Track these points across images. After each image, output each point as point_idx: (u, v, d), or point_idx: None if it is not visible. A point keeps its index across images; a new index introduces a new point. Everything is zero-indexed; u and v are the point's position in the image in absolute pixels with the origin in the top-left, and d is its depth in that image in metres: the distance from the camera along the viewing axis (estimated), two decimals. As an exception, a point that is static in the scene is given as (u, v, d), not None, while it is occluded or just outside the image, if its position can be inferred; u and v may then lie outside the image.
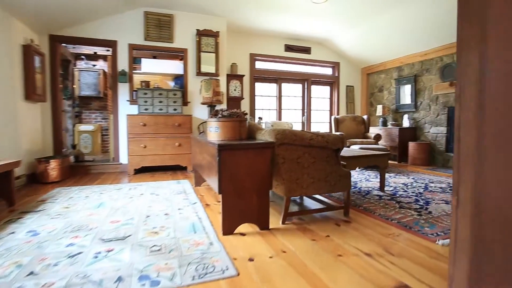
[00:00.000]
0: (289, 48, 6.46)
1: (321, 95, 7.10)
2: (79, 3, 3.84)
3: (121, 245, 1.75)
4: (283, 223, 2.21)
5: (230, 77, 5.69)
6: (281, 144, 2.07)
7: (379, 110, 6.32)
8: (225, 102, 5.33)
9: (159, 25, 4.73)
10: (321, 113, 7.13)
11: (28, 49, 3.69)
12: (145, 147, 4.33)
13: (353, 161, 2.94)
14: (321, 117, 7.14)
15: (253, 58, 6.21)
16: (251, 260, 1.62)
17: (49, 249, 1.69)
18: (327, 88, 7.16)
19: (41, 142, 4.24)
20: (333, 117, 5.93)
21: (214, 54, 5.09)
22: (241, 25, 5.65)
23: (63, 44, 4.89)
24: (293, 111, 6.79)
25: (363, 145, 4.97)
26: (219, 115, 2.29)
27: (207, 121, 2.38)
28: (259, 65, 6.39)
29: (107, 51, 5.59)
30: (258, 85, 6.42)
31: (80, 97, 6.00)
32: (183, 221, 2.23)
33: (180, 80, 5.11)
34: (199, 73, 4.97)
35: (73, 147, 5.52)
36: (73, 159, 4.79)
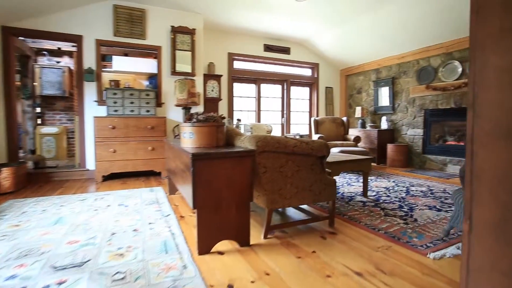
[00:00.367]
0: (268, 48, 6.31)
1: (300, 96, 7.02)
2: (37, -8, 3.46)
3: (77, 274, 1.49)
4: (265, 237, 2.04)
5: (207, 77, 5.45)
6: (263, 152, 1.89)
7: (358, 112, 6.33)
8: (202, 103, 5.09)
9: (130, 20, 4.40)
10: (300, 115, 7.05)
11: (-25, 43, 3.26)
12: (114, 151, 4.00)
13: (337, 167, 2.82)
14: (301, 119, 7.06)
15: (231, 57, 6.00)
16: (230, 287, 1.43)
17: (-15, 282, 1.40)
18: (307, 89, 7.09)
19: (-6, 147, 3.80)
20: (312, 118, 5.86)
21: (190, 52, 4.83)
22: (218, 23, 5.42)
23: (20, 37, 4.42)
24: (272, 113, 6.65)
25: (343, 148, 4.91)
26: (194, 119, 2.07)
27: (180, 126, 2.15)
28: (238, 65, 6.19)
29: (72, 46, 5.15)
30: (236, 86, 6.21)
31: (42, 96, 5.49)
32: (154, 238, 1.99)
33: (155, 79, 4.80)
34: (174, 72, 4.69)
35: (32, 152, 5.03)
36: (32, 166, 4.34)
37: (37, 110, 5.47)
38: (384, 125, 5.97)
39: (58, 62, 5.53)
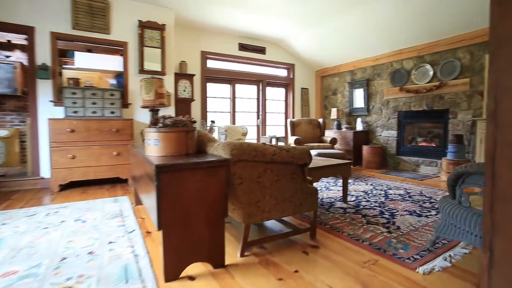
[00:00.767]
0: (243, 47, 6.11)
1: (276, 97, 6.89)
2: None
3: (7, 319, 1.19)
4: (242, 255, 1.83)
5: (178, 76, 5.14)
6: (238, 161, 1.69)
7: (333, 113, 6.32)
8: (173, 104, 4.78)
9: (91, 12, 4.00)
10: (276, 116, 6.92)
11: None
12: (73, 157, 3.60)
13: (317, 173, 2.68)
14: (277, 120, 6.94)
15: (205, 56, 5.73)
16: (201, 325, 1.21)
17: None
18: (282, 90, 6.98)
19: None
20: (289, 120, 5.74)
21: (160, 49, 4.50)
22: (191, 19, 5.13)
23: (-40, 28, 3.87)
24: (248, 114, 6.46)
25: (320, 150, 4.83)
26: (160, 124, 1.82)
27: (144, 131, 1.89)
28: (211, 64, 5.92)
29: (25, 40, 4.62)
30: (210, 86, 5.95)
31: (-10, 95, 4.88)
32: (113, 262, 1.71)
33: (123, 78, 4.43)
34: (142, 70, 4.34)
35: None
36: (-25, 174, 3.80)
37: (-17, 110, 4.85)
38: (359, 126, 5.99)
39: (8, 56, 4.95)
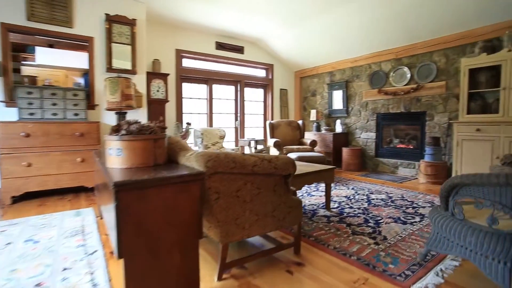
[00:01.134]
0: (220, 46, 5.88)
1: (254, 98, 6.72)
2: None
3: None
4: (220, 278, 1.63)
5: (151, 75, 4.83)
6: (214, 173, 1.48)
7: (313, 114, 6.24)
8: (145, 105, 4.46)
9: (50, 2, 3.61)
10: (255, 117, 6.75)
11: None
12: (29, 165, 3.21)
13: (300, 180, 2.53)
14: (256, 122, 6.76)
15: (180, 54, 5.44)
16: None
17: None
18: (261, 90, 6.82)
19: None
20: (268, 122, 5.58)
21: (130, 46, 4.18)
22: (165, 15, 4.83)
23: None
24: (225, 115, 6.23)
25: (300, 153, 4.71)
26: (123, 131, 1.57)
27: (105, 139, 1.63)
28: (187, 63, 5.64)
29: (-27, 33, 4.11)
30: (186, 86, 5.66)
31: None
32: (66, 295, 1.45)
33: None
34: (111, 69, 4.00)
35: None
36: None
37: None
38: (338, 128, 5.95)
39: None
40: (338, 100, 6.12)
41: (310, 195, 3.51)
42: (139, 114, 4.35)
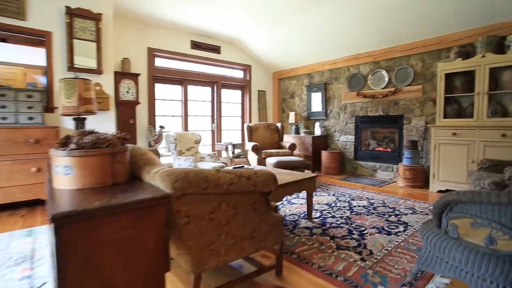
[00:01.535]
0: (196, 45, 5.61)
1: (232, 99, 6.50)
2: None
3: None
4: (191, 314, 1.41)
5: (120, 75, 4.48)
6: (184, 195, 1.26)
7: (291, 117, 6.13)
8: (112, 107, 4.10)
9: (-1, -8, 3.20)
10: (232, 120, 6.53)
11: None
12: (-28, 177, 2.80)
13: (280, 191, 2.36)
14: (233, 124, 6.55)
15: (152, 53, 5.11)
16: None
17: None
18: (239, 92, 6.61)
19: None
20: (246, 124, 5.39)
21: (95, 43, 3.82)
22: (135, 11, 4.49)
23: None
24: (201, 118, 5.96)
25: (279, 157, 4.56)
26: (72, 145, 1.31)
27: (51, 155, 1.36)
28: (160, 62, 5.32)
29: None
30: (159, 87, 5.34)
31: None
32: None
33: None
34: (72, 67, 3.63)
35: None
36: None
37: None
38: (317, 131, 5.87)
39: None
40: (317, 102, 6.04)
41: (290, 203, 3.36)
42: (106, 117, 4.00)
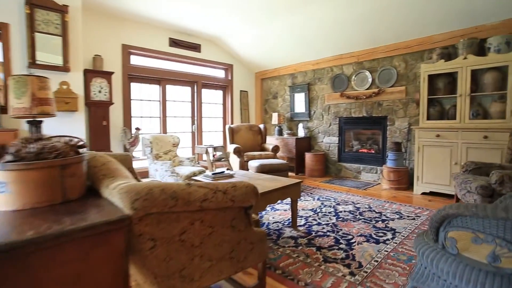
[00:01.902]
0: (175, 43, 5.34)
1: (213, 100, 6.28)
2: None
3: None
4: None
5: (92, 73, 4.17)
6: (147, 215, 1.06)
7: (274, 118, 5.99)
8: (82, 108, 3.77)
9: None
10: (214, 121, 6.31)
11: None
12: None
13: (262, 200, 2.18)
14: (214, 126, 6.33)
15: (127, 51, 4.81)
16: None
17: None
18: (220, 92, 6.39)
19: None
20: (227, 126, 5.19)
21: (60, 38, 3.49)
22: (108, 5, 4.19)
23: None
24: (181, 119, 5.70)
25: (262, 160, 4.40)
26: (8, 156, 1.08)
27: (-17, 167, 1.12)
28: (136, 60, 5.02)
29: None
30: (135, 86, 5.04)
31: None
32: None
33: None
34: (34, 63, 3.29)
35: None
36: None
37: None
38: (301, 132, 5.76)
39: None
40: (300, 103, 5.93)
41: (273, 209, 3.20)
42: (74, 119, 3.67)
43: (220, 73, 6.30)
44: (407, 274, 1.79)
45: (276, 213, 3.04)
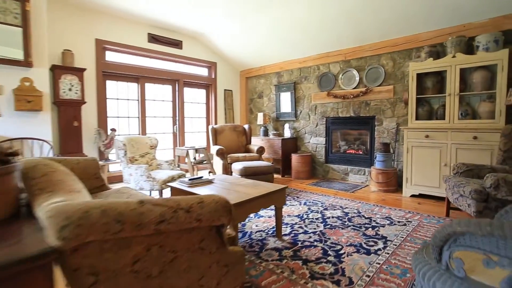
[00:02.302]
0: (154, 39, 5.04)
1: (196, 99, 6.01)
2: None
3: None
4: None
5: (61, 70, 3.83)
6: (85, 244, 0.82)
7: (259, 118, 5.78)
8: (48, 108, 3.44)
9: None
10: (197, 121, 6.04)
11: None
12: None
13: (243, 209, 1.96)
14: (197, 126, 6.06)
15: (101, 46, 4.48)
16: None
17: None
18: (203, 91, 6.13)
19: None
20: (210, 126, 4.94)
21: (20, 29, 3.16)
22: (75, -5, 3.86)
23: None
24: (162, 119, 5.40)
25: (246, 163, 4.18)
26: None
27: None
28: (112, 56, 4.70)
29: None
30: (110, 84, 4.71)
31: None
32: None
33: None
34: (-9, 58, 2.96)
35: None
36: None
37: None
38: (287, 133, 5.57)
39: None
40: (286, 102, 5.75)
41: (257, 215, 2.98)
42: (38, 119, 3.34)
43: (203, 71, 6.04)
44: (402, 291, 1.62)
45: (260, 220, 2.83)
